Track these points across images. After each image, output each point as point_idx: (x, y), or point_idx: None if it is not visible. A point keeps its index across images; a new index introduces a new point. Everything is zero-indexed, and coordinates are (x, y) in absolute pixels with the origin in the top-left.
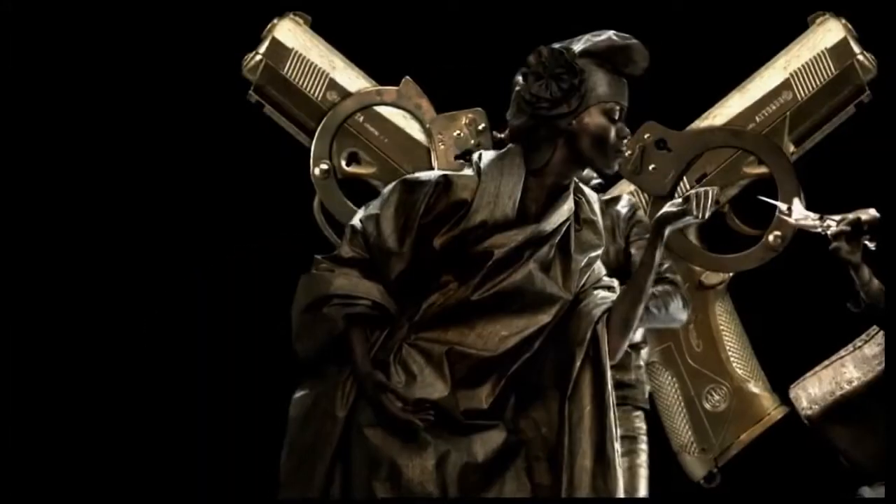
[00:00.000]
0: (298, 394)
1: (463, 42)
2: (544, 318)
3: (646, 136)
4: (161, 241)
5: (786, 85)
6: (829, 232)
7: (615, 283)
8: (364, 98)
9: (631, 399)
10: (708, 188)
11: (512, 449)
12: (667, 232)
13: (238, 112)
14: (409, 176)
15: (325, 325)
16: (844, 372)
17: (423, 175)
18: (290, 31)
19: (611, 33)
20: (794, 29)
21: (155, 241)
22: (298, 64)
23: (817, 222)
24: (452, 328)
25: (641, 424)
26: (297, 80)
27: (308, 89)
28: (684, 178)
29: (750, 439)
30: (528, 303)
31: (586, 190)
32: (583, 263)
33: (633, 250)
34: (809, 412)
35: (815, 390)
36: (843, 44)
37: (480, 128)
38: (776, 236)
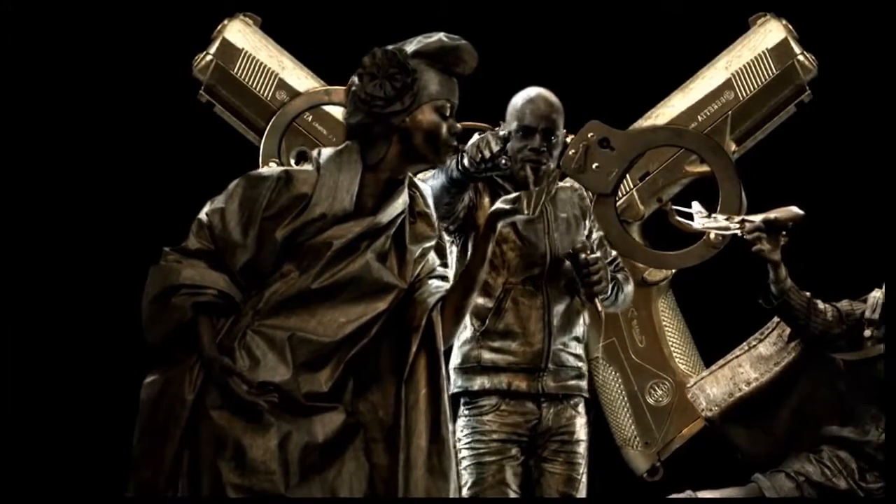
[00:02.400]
0: (149, 379)
1: None
2: (381, 305)
3: (589, 135)
4: (109, 238)
5: (727, 85)
6: (747, 236)
7: (449, 272)
8: (313, 97)
9: (585, 390)
10: (542, 187)
11: (351, 430)
12: (499, 226)
13: (188, 111)
14: (252, 172)
15: (174, 313)
16: (741, 372)
17: (265, 171)
18: (240, 32)
19: (441, 35)
20: (736, 29)
21: (103, 238)
22: (248, 64)
23: (727, 223)
24: (294, 315)
25: (583, 421)
26: (246, 79)
27: (258, 89)
28: (627, 177)
29: (692, 433)
30: (365, 291)
31: (420, 184)
32: (417, 254)
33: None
34: (709, 414)
35: (713, 391)
36: (783, 44)
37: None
38: (717, 234)
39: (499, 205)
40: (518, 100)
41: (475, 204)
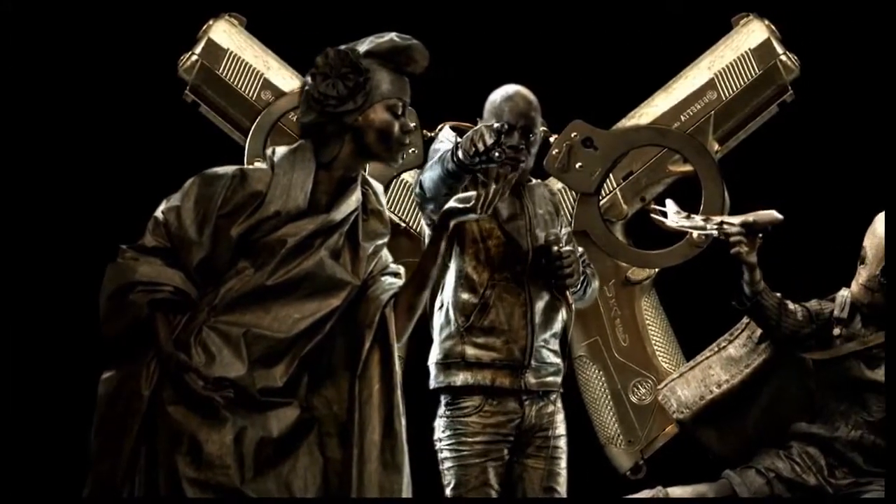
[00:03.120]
0: (106, 374)
1: None
2: (335, 301)
3: (573, 135)
4: (93, 237)
5: (710, 85)
6: (730, 238)
7: (401, 269)
8: (297, 97)
9: (561, 385)
10: (498, 187)
11: (305, 425)
12: (451, 224)
13: (174, 111)
14: (207, 170)
15: (130, 309)
16: (712, 374)
17: (220, 169)
18: (225, 32)
19: (393, 35)
20: (719, 30)
21: (87, 238)
22: (233, 64)
23: (704, 224)
24: (249, 312)
25: (562, 416)
26: (231, 79)
27: (243, 89)
28: (611, 176)
29: (675, 432)
30: (319, 287)
31: (373, 182)
32: (370, 251)
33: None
34: (681, 416)
35: (683, 393)
36: (766, 44)
37: (411, 126)
38: (699, 233)
39: (452, 203)
40: (496, 97)
41: None
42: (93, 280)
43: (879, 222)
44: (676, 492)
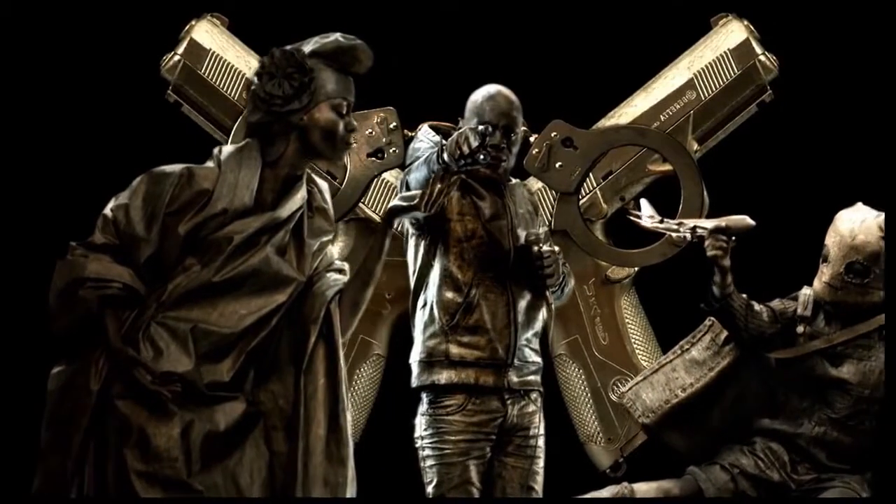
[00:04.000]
0: (56, 370)
1: (373, 43)
2: (280, 297)
3: (553, 135)
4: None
5: (689, 84)
6: (703, 241)
7: (346, 266)
8: None
9: (541, 384)
10: (442, 187)
11: (251, 419)
12: (395, 222)
13: (156, 111)
14: (155, 169)
15: (80, 305)
16: (676, 377)
17: (168, 168)
18: (207, 33)
19: (338, 35)
20: (698, 30)
21: (71, 237)
22: (215, 64)
23: (677, 227)
24: (196, 307)
25: (541, 415)
26: (214, 79)
27: (225, 89)
28: (590, 175)
29: None
30: (265, 284)
31: (318, 180)
32: (315, 247)
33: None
34: (647, 421)
35: (648, 397)
36: (745, 45)
37: (392, 126)
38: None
39: (396, 202)
40: (478, 97)
41: None
42: (43, 276)
43: (840, 220)
44: (642, 488)
